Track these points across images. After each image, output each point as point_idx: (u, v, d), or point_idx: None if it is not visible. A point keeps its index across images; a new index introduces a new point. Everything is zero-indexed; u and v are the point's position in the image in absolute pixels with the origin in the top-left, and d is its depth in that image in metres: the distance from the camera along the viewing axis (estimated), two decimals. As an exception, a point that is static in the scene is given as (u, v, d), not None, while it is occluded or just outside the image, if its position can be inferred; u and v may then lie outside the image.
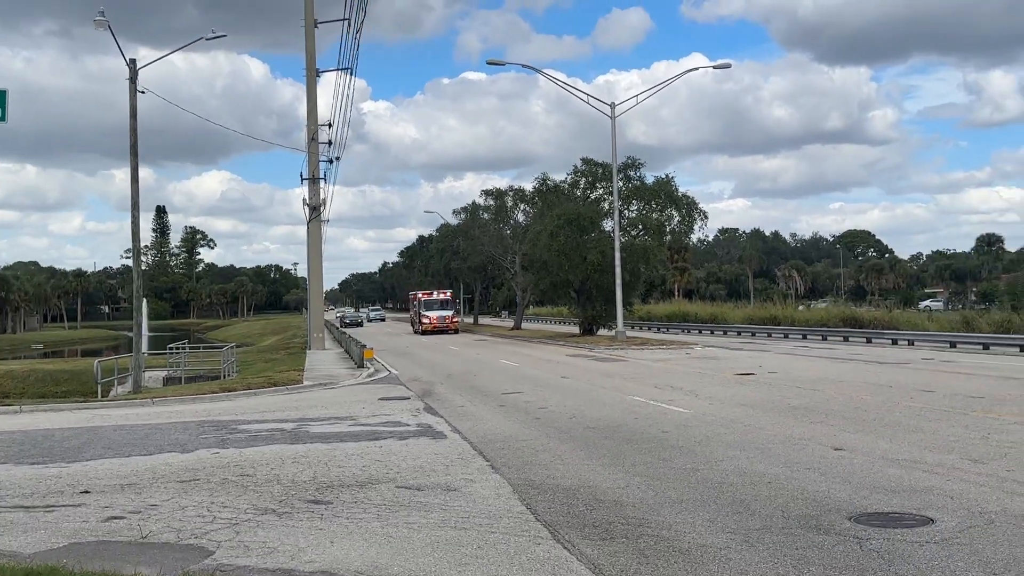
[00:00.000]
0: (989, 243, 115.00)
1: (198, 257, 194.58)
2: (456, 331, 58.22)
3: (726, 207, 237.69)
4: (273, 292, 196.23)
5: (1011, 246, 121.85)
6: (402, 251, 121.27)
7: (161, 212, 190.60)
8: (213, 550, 7.27)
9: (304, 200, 38.97)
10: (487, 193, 67.33)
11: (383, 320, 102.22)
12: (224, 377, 28.13)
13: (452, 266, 78.43)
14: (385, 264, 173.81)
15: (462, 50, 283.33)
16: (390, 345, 44.37)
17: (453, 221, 74.18)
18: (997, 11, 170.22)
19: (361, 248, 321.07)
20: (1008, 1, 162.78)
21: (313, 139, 38.64)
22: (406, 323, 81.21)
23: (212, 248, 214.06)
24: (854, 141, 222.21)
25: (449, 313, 60.01)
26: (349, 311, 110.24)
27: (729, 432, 12.71)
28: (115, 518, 8.39)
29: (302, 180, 39.07)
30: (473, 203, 70.68)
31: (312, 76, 39.15)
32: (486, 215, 67.76)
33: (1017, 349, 28.10)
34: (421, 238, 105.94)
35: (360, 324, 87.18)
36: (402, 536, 7.52)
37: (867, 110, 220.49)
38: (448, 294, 63.97)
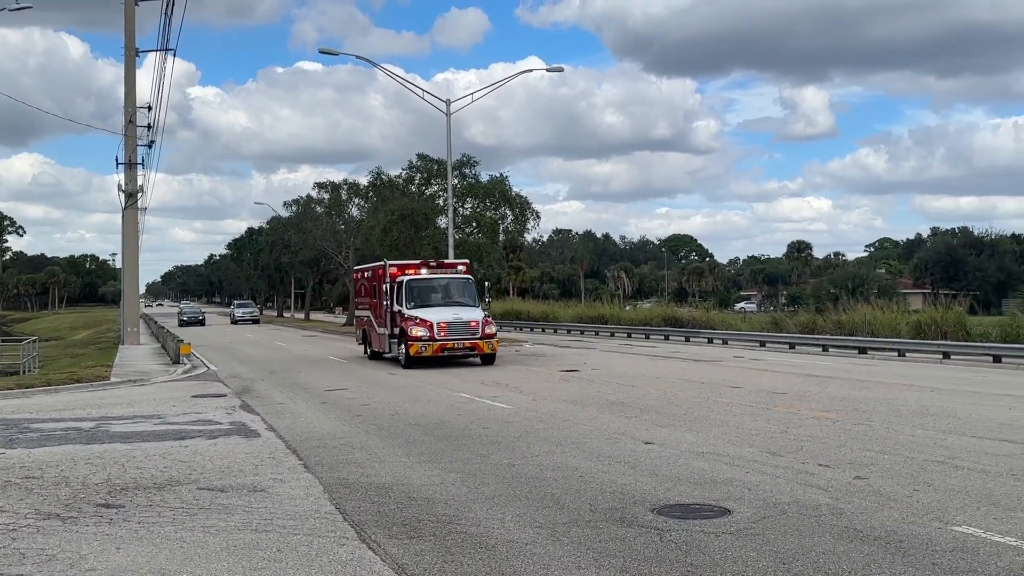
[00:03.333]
0: (799, 250, 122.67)
1: (5, 245, 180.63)
2: (493, 357, 24.87)
3: (561, 208, 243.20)
4: (89, 284, 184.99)
5: (819, 253, 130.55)
6: (230, 243, 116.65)
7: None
8: (-19, 561, 6.62)
9: (119, 186, 36.81)
10: (320, 186, 65.93)
11: (256, 322, 71.97)
12: (24, 373, 26.09)
13: (283, 260, 76.38)
14: (211, 257, 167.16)
15: (297, 39, 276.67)
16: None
17: (285, 214, 72.14)
18: (810, 31, 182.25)
19: (187, 240, 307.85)
20: (820, 23, 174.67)
21: (131, 122, 36.53)
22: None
23: (21, 235, 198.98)
24: (679, 150, 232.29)
25: (476, 315, 24.98)
26: (192, 305, 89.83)
27: (548, 427, 12.84)
28: None
29: (117, 165, 36.92)
30: (307, 196, 69.04)
31: (131, 55, 37.01)
32: (319, 208, 66.32)
33: (820, 348, 30.00)
34: (251, 230, 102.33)
35: (201, 322, 69.08)
36: (197, 540, 7.08)
37: (692, 120, 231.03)
38: (464, 267, 27.76)
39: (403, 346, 24.31)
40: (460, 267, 27.35)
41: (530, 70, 43.83)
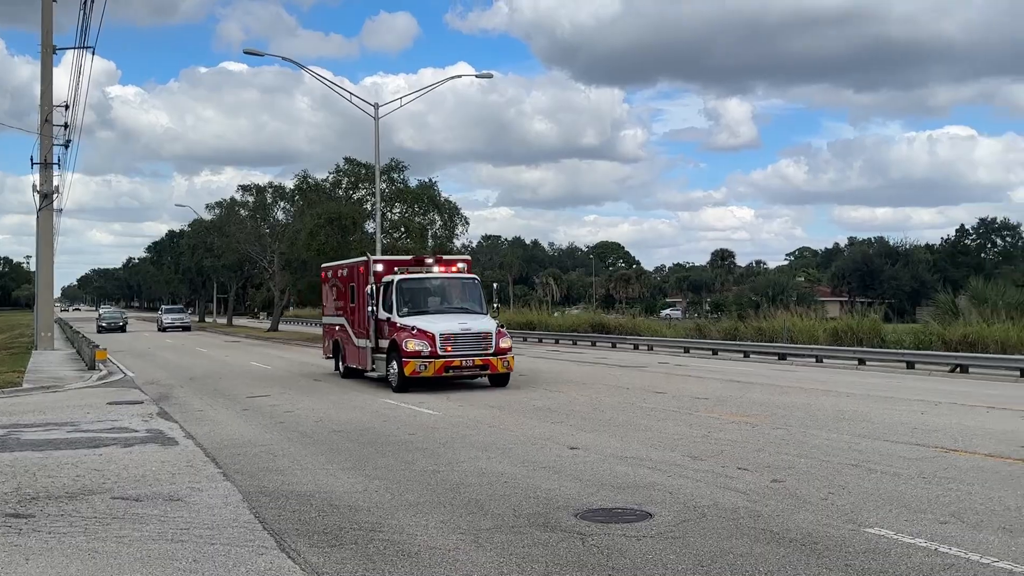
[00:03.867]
0: (722, 258, 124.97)
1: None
2: (507, 377, 19.99)
3: (490, 215, 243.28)
4: (2, 287, 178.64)
5: (741, 261, 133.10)
6: (150, 246, 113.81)
7: None
8: None
9: (34, 186, 35.66)
10: (245, 188, 64.77)
11: (187, 329, 64.41)
12: (-72, 379, 24.99)
13: (205, 264, 74.78)
14: (130, 260, 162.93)
15: (222, 39, 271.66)
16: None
17: (207, 216, 70.61)
18: (733, 44, 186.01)
19: (105, 242, 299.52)
20: (743, 36, 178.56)
21: (47, 120, 35.40)
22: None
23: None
24: (607, 158, 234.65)
25: (488, 325, 19.77)
26: (112, 310, 79.80)
27: (474, 433, 12.83)
28: None
29: (33, 165, 35.77)
30: (231, 198, 67.70)
31: (48, 52, 35.88)
32: (243, 211, 65.13)
33: (741, 354, 30.62)
34: (171, 233, 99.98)
35: (122, 328, 63.38)
36: (110, 551, 6.88)
37: (619, 129, 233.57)
38: (466, 265, 22.44)
39: (395, 363, 19.17)
40: (460, 264, 21.94)
41: (459, 76, 43.94)
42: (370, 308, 20.42)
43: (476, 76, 41.25)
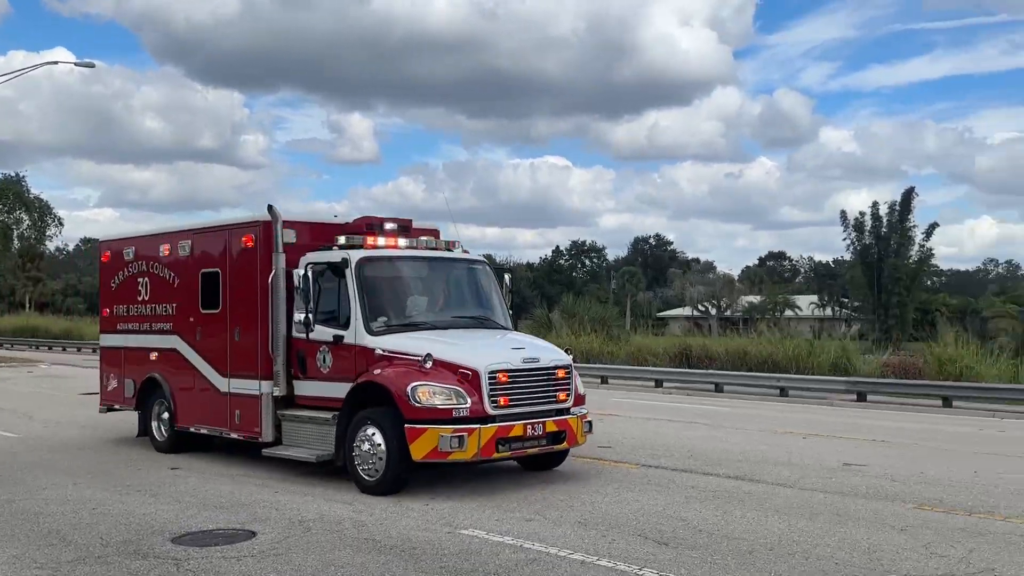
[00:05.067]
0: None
1: None
2: (566, 451, 10.46)
3: (91, 216, 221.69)
4: None
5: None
6: None
7: None
8: None
9: None
10: None
11: None
12: None
13: None
14: None
15: None
16: None
17: None
18: (355, 60, 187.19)
19: None
20: (364, 54, 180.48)
21: None
22: None
23: None
24: (226, 162, 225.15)
25: (554, 354, 10.43)
26: None
27: (62, 457, 11.70)
28: None
29: None
30: None
31: None
32: None
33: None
34: None
35: None
36: None
37: (240, 134, 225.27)
38: (434, 235, 11.74)
39: (374, 433, 9.27)
40: (429, 238, 11.53)
41: (56, 62, 39.68)
42: (302, 316, 10.05)
43: (76, 64, 37.74)
